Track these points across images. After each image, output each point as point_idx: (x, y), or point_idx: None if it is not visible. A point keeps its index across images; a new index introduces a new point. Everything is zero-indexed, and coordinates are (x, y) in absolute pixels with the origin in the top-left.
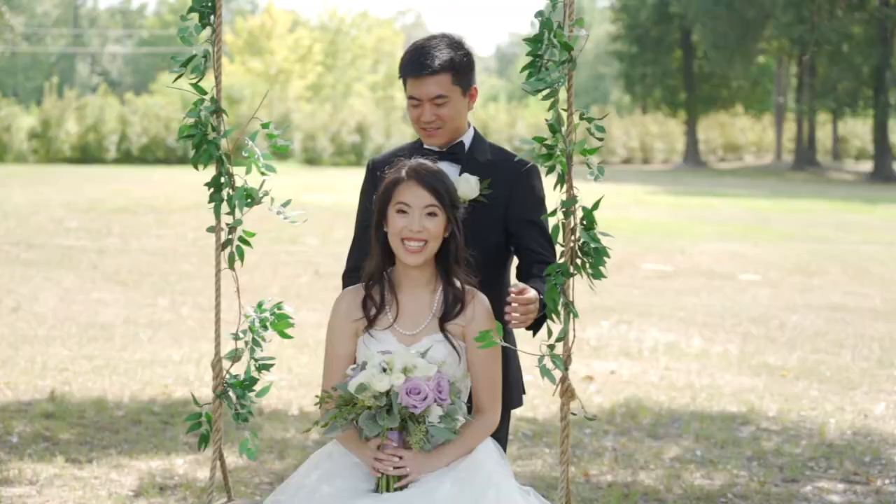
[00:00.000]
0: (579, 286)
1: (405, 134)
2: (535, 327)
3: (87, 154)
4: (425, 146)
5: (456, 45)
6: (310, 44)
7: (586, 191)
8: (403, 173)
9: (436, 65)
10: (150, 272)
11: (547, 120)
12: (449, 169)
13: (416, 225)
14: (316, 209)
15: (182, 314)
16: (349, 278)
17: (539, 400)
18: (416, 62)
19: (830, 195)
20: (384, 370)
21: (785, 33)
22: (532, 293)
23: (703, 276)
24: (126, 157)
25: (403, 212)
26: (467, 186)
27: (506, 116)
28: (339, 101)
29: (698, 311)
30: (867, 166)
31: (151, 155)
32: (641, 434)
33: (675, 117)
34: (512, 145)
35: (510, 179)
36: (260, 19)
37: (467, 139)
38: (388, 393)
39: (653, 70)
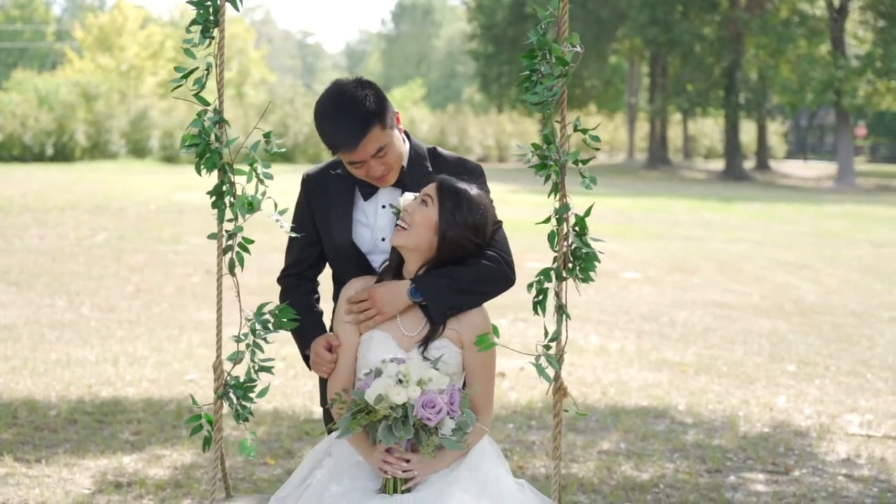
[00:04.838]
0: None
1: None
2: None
3: None
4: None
5: (363, 92)
6: (161, 40)
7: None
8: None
9: (364, 129)
10: (40, 273)
11: (541, 131)
12: (393, 194)
13: (409, 206)
14: (192, 209)
15: (83, 314)
16: (284, 279)
17: None
18: (344, 138)
19: (686, 193)
20: (400, 381)
21: (639, 34)
22: (377, 290)
23: None
24: None
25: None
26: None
27: None
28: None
29: (590, 309)
30: (717, 164)
31: (7, 153)
32: (563, 428)
33: (531, 116)
34: None
35: None
36: (110, 15)
37: (406, 159)
38: (404, 405)
39: (509, 70)
